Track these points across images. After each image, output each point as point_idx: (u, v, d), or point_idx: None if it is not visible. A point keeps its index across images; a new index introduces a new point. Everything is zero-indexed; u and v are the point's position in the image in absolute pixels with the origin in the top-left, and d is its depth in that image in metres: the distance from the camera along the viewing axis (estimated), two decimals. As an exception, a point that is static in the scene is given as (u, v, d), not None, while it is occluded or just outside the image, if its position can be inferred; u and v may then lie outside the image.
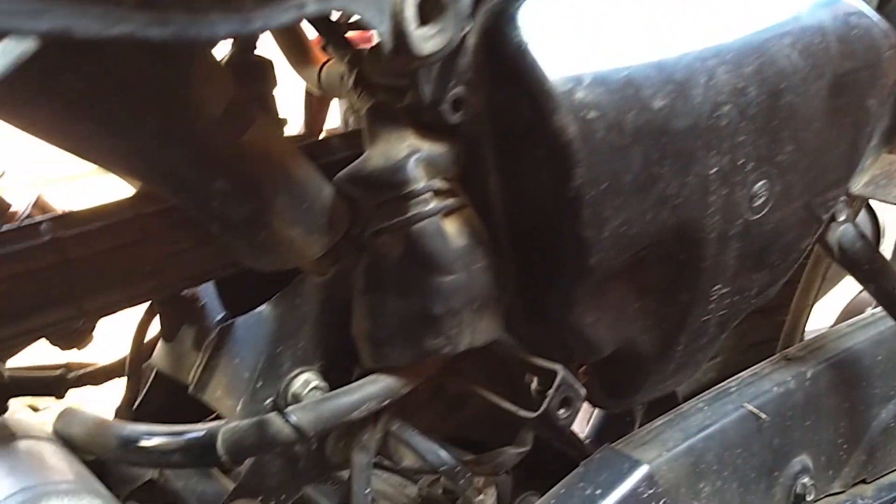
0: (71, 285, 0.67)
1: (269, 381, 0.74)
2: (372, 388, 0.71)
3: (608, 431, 1.11)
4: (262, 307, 0.77)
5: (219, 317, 0.84)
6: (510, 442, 0.88)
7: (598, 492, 0.78)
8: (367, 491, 0.73)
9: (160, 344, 0.89)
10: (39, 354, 0.89)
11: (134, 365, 0.89)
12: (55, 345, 0.84)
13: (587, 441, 1.06)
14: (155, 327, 0.89)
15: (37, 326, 0.67)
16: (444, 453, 0.76)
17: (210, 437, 0.68)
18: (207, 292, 0.88)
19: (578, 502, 0.78)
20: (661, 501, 0.80)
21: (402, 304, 0.71)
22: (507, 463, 0.87)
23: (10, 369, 0.81)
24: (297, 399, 0.73)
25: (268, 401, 0.73)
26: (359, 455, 0.74)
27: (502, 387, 0.83)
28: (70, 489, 0.68)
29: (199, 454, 0.68)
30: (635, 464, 0.79)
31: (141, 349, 0.89)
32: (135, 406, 0.89)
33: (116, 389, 0.95)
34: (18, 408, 0.86)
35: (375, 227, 0.68)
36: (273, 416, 0.68)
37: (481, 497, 0.84)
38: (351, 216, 0.72)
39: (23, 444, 0.77)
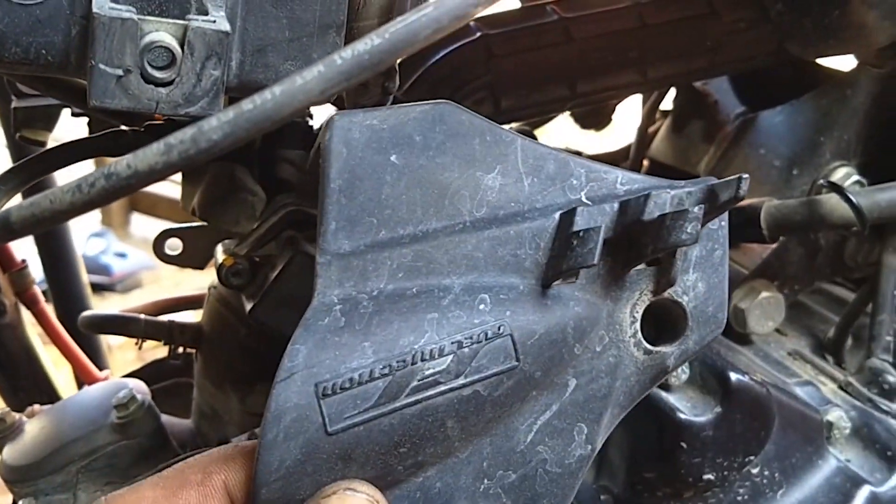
0: (642, 51, 0.71)
1: (806, 169, 0.74)
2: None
3: None
4: (802, 99, 0.76)
5: (737, 111, 0.84)
6: None
7: None
8: (894, 292, 0.72)
9: (663, 135, 0.92)
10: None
11: (638, 152, 0.93)
12: (577, 122, 0.91)
13: None
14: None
15: (607, 86, 0.72)
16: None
17: (752, 212, 0.70)
18: (720, 89, 0.89)
19: None
20: None
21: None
22: None
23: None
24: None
25: (802, 188, 0.74)
26: (891, 257, 0.72)
27: None
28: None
29: (741, 227, 0.70)
30: None
31: (645, 138, 0.93)
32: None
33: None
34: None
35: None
36: (826, 197, 0.68)
37: None
38: None
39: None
